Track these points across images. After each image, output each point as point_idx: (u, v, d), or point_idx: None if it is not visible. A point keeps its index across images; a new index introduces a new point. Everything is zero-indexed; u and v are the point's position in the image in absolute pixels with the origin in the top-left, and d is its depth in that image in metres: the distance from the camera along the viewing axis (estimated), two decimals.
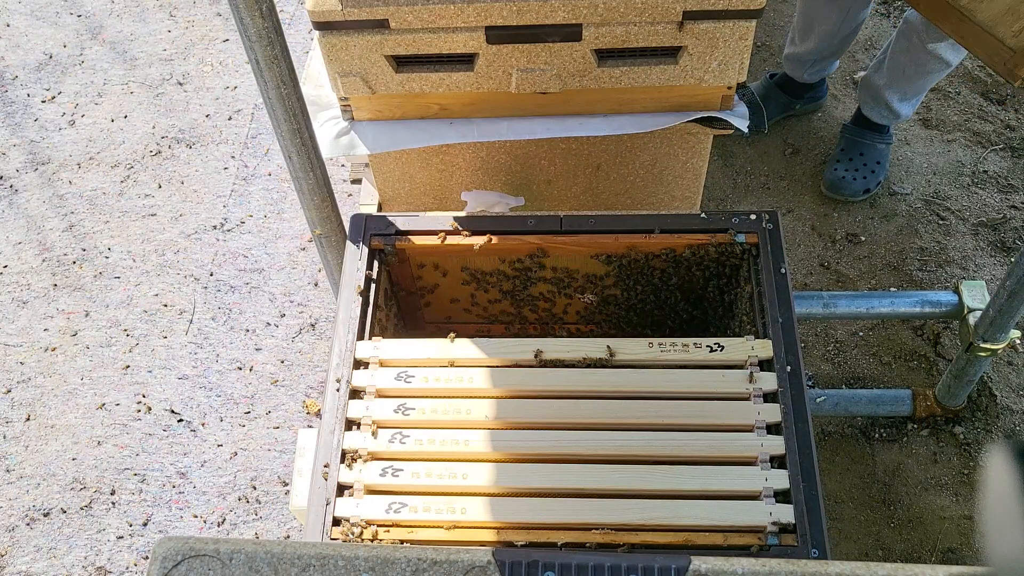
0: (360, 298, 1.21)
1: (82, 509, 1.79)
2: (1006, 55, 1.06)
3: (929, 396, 1.79)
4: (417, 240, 1.27)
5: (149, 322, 2.05)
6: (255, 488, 1.81)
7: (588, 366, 1.15)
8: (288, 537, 1.75)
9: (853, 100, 2.36)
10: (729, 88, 1.42)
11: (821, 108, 2.33)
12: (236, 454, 1.85)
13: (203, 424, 1.89)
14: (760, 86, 2.27)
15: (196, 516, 1.78)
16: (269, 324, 2.04)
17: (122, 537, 1.76)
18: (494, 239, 1.26)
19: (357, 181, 2.01)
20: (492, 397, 1.12)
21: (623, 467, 1.05)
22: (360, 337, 1.18)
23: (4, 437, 1.90)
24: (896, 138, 2.24)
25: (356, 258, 1.25)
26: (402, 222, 1.28)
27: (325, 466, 1.06)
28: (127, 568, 1.72)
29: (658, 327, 1.44)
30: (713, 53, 1.36)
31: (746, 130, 1.44)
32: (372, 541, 1.01)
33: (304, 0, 1.36)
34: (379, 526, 1.03)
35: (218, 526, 1.77)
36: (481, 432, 1.09)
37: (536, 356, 1.15)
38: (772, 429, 1.07)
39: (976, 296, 1.65)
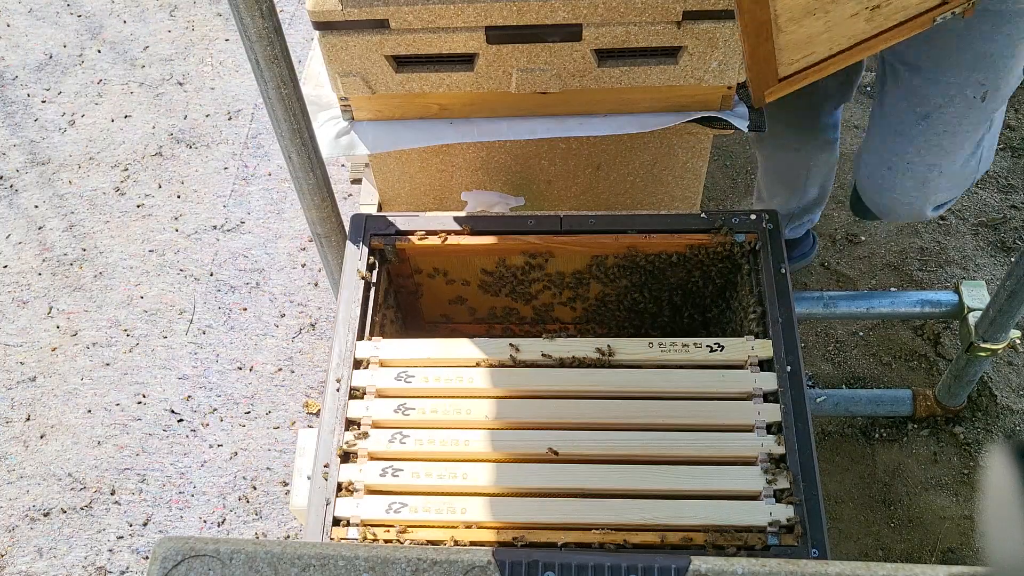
0: (360, 298, 1.21)
1: (82, 509, 1.79)
2: (769, 80, 1.06)
3: (929, 396, 1.79)
4: (417, 240, 1.27)
5: (149, 322, 2.05)
6: (255, 488, 1.81)
7: (588, 366, 1.14)
8: (288, 537, 1.75)
9: (855, 102, 2.36)
10: (729, 88, 1.42)
11: (810, 263, 2.06)
12: (236, 454, 1.85)
13: (203, 424, 1.89)
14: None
15: (196, 516, 1.78)
16: (269, 324, 2.04)
17: (122, 537, 1.76)
18: (494, 239, 1.26)
19: (357, 181, 2.01)
20: (492, 397, 1.12)
21: (623, 467, 1.05)
22: (360, 337, 1.18)
23: (4, 437, 1.90)
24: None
25: (356, 258, 1.25)
26: (402, 222, 1.28)
27: (325, 466, 1.06)
28: (127, 568, 1.72)
29: (658, 327, 1.44)
30: (713, 53, 1.36)
31: (746, 130, 1.44)
32: (372, 541, 1.01)
33: (304, 0, 1.36)
34: (379, 526, 1.03)
35: (218, 526, 1.77)
36: (481, 432, 1.09)
37: (536, 356, 1.15)
38: (772, 429, 1.07)
39: (976, 296, 1.65)
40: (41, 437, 1.89)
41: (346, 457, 1.08)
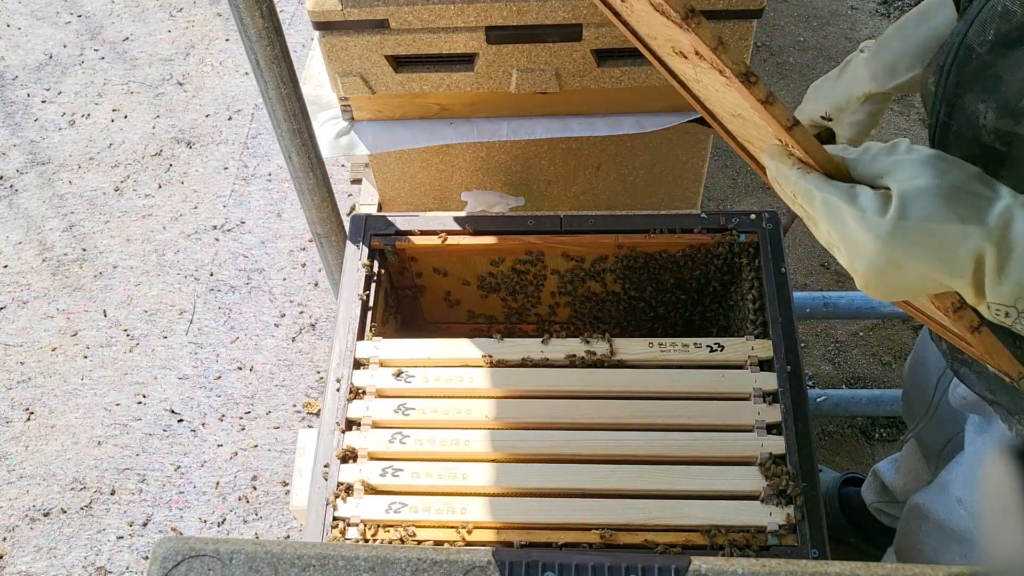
0: (360, 299, 1.21)
1: (82, 509, 1.79)
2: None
3: None
4: (417, 240, 1.27)
5: (149, 322, 2.05)
6: (255, 488, 1.81)
7: (588, 366, 1.14)
8: (288, 537, 1.75)
9: None
10: None
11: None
12: (236, 454, 1.85)
13: (203, 424, 1.89)
14: (828, 487, 1.70)
15: (196, 516, 1.78)
16: (269, 324, 2.04)
17: (122, 537, 1.76)
18: (494, 239, 1.26)
19: (357, 181, 2.02)
20: (492, 397, 1.12)
21: (623, 467, 1.05)
22: (360, 337, 1.18)
23: (4, 437, 1.90)
24: (896, 137, 2.24)
25: (356, 258, 1.25)
26: (402, 222, 1.28)
27: (325, 466, 1.06)
28: (127, 568, 1.72)
29: (658, 327, 1.44)
30: None
31: None
32: (372, 541, 1.01)
33: (304, 0, 1.36)
34: (379, 526, 1.03)
35: (218, 526, 1.77)
36: (481, 432, 1.09)
37: (535, 356, 1.15)
38: (772, 429, 1.07)
39: None
40: (41, 437, 1.89)
41: (346, 457, 1.08)
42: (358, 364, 1.16)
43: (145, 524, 1.77)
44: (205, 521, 1.77)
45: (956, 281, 0.61)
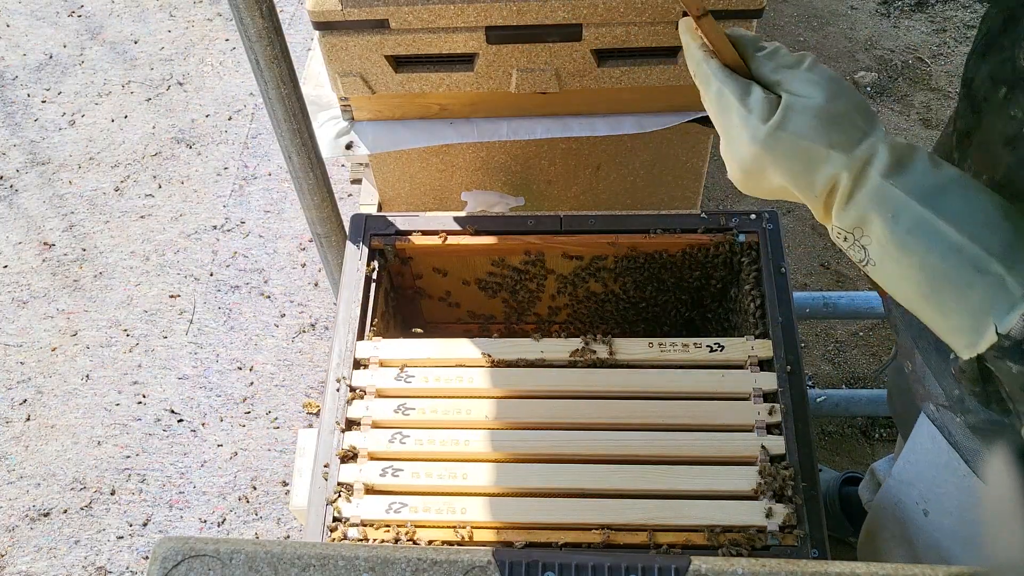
0: (360, 298, 1.21)
1: (82, 509, 1.79)
2: None
3: None
4: (417, 240, 1.27)
5: (149, 322, 2.05)
6: (255, 488, 1.81)
7: (588, 366, 1.14)
8: (288, 537, 1.75)
9: None
10: None
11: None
12: (236, 454, 1.85)
13: (203, 424, 1.89)
14: (828, 487, 1.69)
15: (196, 516, 1.78)
16: (269, 324, 2.04)
17: (122, 537, 1.76)
18: (494, 239, 1.26)
19: (357, 181, 2.02)
20: (492, 397, 1.12)
21: (623, 467, 1.05)
22: (360, 337, 1.18)
23: (4, 437, 1.90)
24: (896, 138, 2.24)
25: (356, 258, 1.25)
26: (402, 222, 1.28)
27: (325, 466, 1.06)
28: (127, 568, 1.72)
29: (658, 327, 1.44)
30: None
31: None
32: (372, 541, 1.01)
33: (304, 0, 1.36)
34: (379, 526, 1.03)
35: (218, 526, 1.77)
36: (481, 432, 1.09)
37: (535, 356, 1.15)
38: (772, 429, 1.07)
39: None
40: (41, 437, 1.89)
41: (346, 457, 1.08)
42: (358, 364, 1.16)
43: (145, 524, 1.77)
44: (205, 521, 1.77)
45: (809, 198, 0.65)
